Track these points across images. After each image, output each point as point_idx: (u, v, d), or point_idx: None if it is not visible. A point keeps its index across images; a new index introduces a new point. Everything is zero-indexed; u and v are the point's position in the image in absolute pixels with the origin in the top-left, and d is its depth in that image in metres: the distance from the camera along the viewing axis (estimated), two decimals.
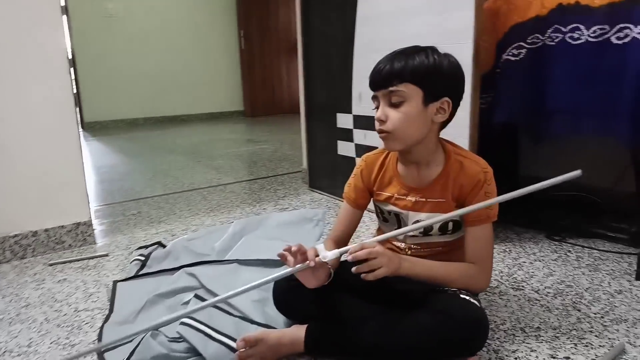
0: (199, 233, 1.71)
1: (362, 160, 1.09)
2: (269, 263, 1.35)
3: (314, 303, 0.99)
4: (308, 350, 0.94)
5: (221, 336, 0.99)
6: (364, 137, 1.94)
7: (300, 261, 0.87)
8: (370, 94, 0.97)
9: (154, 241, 1.66)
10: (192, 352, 0.96)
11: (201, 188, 2.53)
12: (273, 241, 1.48)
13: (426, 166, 0.99)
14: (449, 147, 1.00)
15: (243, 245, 1.51)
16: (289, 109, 6.59)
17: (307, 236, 1.63)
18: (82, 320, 1.17)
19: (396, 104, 0.92)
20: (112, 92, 5.61)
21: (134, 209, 2.16)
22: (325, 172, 2.28)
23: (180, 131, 5.25)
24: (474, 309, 0.89)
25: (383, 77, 0.92)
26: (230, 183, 2.63)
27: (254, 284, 0.83)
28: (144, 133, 5.14)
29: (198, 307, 0.87)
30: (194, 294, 1.20)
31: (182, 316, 0.82)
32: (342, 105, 2.03)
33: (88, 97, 5.48)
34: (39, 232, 1.62)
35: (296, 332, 0.95)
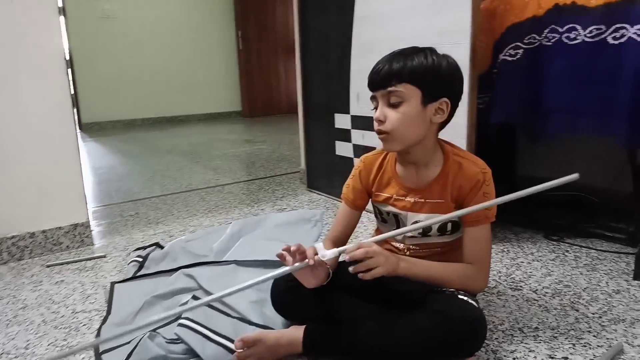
0: (197, 234, 1.71)
1: (361, 161, 1.09)
2: (267, 264, 1.35)
3: (312, 304, 0.99)
4: (306, 351, 0.94)
5: (219, 337, 0.99)
6: (362, 138, 1.94)
7: (299, 261, 0.87)
8: (368, 95, 0.97)
9: (152, 242, 1.66)
10: (190, 354, 0.96)
11: (199, 189, 2.53)
12: (271, 242, 1.48)
13: (425, 167, 0.99)
14: (448, 148, 0.99)
15: (241, 246, 1.51)
16: (287, 110, 6.60)
17: (306, 237, 1.62)
18: (80, 321, 1.17)
19: (395, 105, 0.92)
20: (110, 93, 5.60)
21: (132, 210, 2.16)
22: (323, 173, 2.28)
23: (178, 132, 5.24)
24: (472, 310, 0.89)
25: (382, 78, 0.92)
26: (228, 184, 2.63)
27: (253, 282, 0.82)
28: (142, 134, 5.13)
29: (195, 305, 0.86)
30: (192, 295, 1.20)
31: (178, 314, 0.81)
32: (340, 105, 2.03)
33: (85, 98, 5.48)
34: (37, 234, 1.61)
35: (294, 333, 0.95)
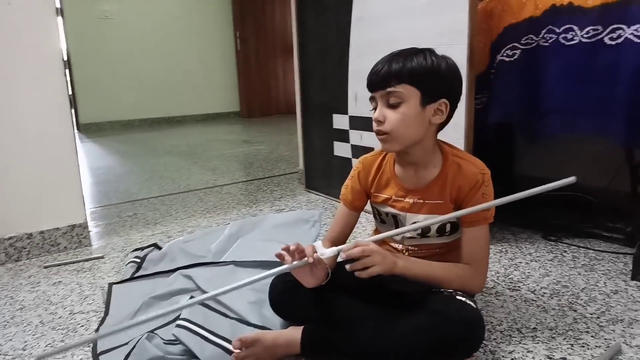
0: (195, 235, 1.71)
1: (359, 162, 1.09)
2: (266, 264, 1.35)
3: (310, 304, 0.99)
4: (304, 351, 0.94)
5: (217, 338, 0.98)
6: (360, 138, 1.94)
7: (298, 260, 0.87)
8: (366, 95, 0.97)
9: (150, 243, 1.65)
10: (188, 355, 0.96)
11: (197, 189, 2.52)
12: (269, 242, 1.48)
13: (424, 168, 0.99)
14: (447, 149, 0.99)
15: (239, 246, 1.51)
16: (285, 110, 6.60)
17: (304, 237, 1.62)
18: (78, 322, 1.16)
19: (394, 105, 0.92)
20: (108, 94, 5.59)
21: (130, 211, 2.15)
22: (321, 173, 2.28)
23: (176, 132, 5.24)
24: (470, 311, 0.89)
25: (381, 78, 0.92)
26: (226, 184, 2.63)
27: (252, 279, 0.82)
28: (140, 134, 5.13)
29: (193, 302, 0.85)
30: (190, 296, 1.20)
31: (176, 309, 0.81)
32: (338, 106, 2.03)
33: (83, 99, 5.47)
34: (34, 234, 1.61)
35: (292, 334, 0.95)
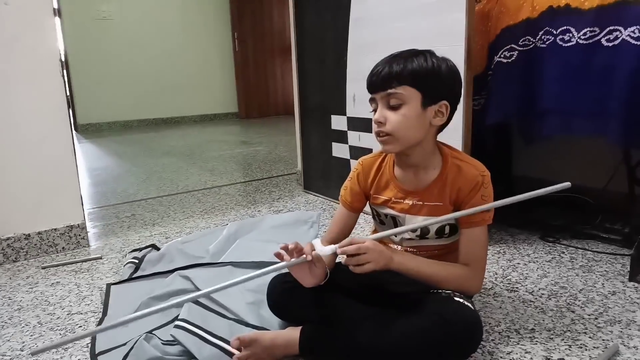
0: (193, 235, 1.71)
1: (359, 163, 1.09)
2: (264, 265, 1.34)
3: (309, 305, 0.99)
4: (303, 351, 0.94)
5: (215, 339, 0.98)
6: (359, 139, 1.94)
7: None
8: (365, 97, 0.97)
9: (148, 244, 1.65)
10: (187, 355, 0.96)
11: (195, 190, 2.52)
12: (267, 243, 1.48)
13: (424, 169, 0.99)
14: (446, 151, 1.00)
15: (237, 247, 1.51)
16: (284, 111, 6.61)
17: (302, 238, 1.62)
18: (76, 323, 1.16)
19: (395, 107, 0.92)
20: (106, 94, 5.59)
21: (128, 212, 2.15)
22: (319, 174, 2.28)
23: (174, 133, 5.23)
24: (468, 312, 0.89)
25: (382, 79, 0.92)
26: (224, 185, 2.63)
27: (249, 276, 0.82)
28: (138, 135, 5.12)
29: (188, 298, 0.84)
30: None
31: (169, 307, 0.81)
32: (337, 107, 2.03)
33: (81, 99, 5.46)
34: (32, 235, 1.60)
35: (291, 334, 0.95)
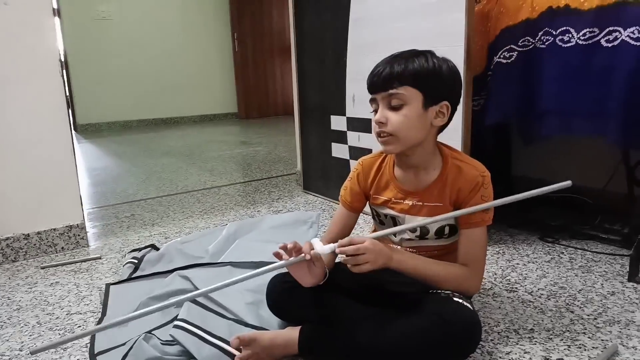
0: (193, 236, 1.71)
1: (359, 163, 1.09)
2: (263, 265, 1.34)
3: (308, 305, 0.99)
4: (302, 351, 0.94)
5: (214, 339, 0.98)
6: (358, 140, 1.94)
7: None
8: (364, 97, 0.97)
9: (148, 244, 1.65)
10: (186, 355, 0.96)
11: (195, 190, 2.52)
12: (267, 244, 1.48)
13: (424, 170, 0.99)
14: (446, 151, 1.00)
15: (237, 247, 1.51)
16: (283, 111, 6.61)
17: (301, 238, 1.60)
18: (75, 323, 1.16)
19: (396, 107, 0.91)
20: (105, 94, 5.58)
21: (127, 212, 2.15)
22: (319, 175, 2.28)
23: (173, 133, 5.23)
24: (467, 313, 0.89)
25: (383, 80, 0.91)
26: (224, 185, 2.63)
27: (248, 274, 0.82)
28: (138, 135, 5.12)
29: (187, 297, 0.85)
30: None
31: (168, 306, 0.81)
32: (336, 107, 2.03)
33: (81, 100, 5.46)
34: (31, 235, 1.60)
35: (290, 334, 0.95)
